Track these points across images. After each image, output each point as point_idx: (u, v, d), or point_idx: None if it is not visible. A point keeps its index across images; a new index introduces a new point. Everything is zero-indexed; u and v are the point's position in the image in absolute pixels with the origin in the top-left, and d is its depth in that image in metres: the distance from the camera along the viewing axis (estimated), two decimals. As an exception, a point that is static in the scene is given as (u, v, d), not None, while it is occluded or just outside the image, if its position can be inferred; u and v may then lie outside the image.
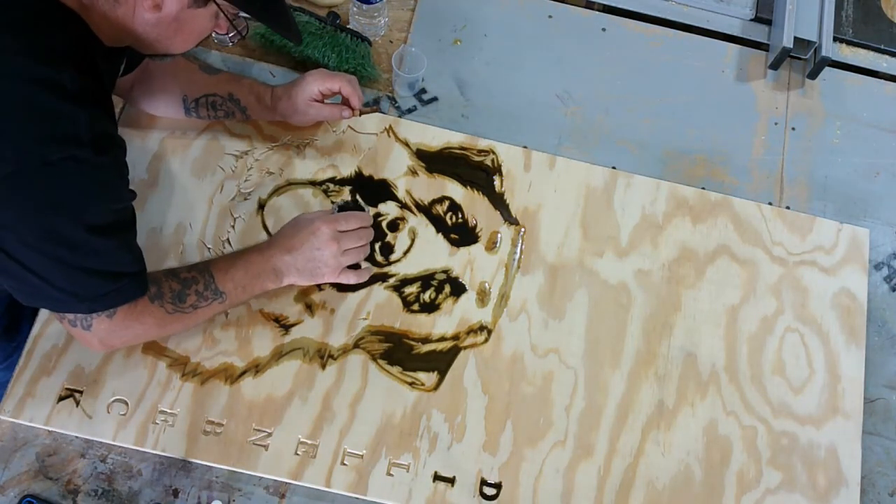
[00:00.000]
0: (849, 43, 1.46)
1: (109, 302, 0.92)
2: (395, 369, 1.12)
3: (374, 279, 1.16)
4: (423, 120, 1.29)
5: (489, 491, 1.07)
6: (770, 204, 1.29)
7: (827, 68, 1.40)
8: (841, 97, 1.41)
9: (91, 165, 0.84)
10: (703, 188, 1.29)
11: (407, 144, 1.26)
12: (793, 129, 1.38)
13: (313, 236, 1.06)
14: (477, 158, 1.26)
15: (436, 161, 1.25)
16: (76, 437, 1.04)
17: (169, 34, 0.92)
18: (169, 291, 0.98)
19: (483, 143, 1.27)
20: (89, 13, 0.86)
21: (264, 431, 1.06)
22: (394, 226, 1.20)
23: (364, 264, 1.15)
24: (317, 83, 1.14)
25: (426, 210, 1.22)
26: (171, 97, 1.17)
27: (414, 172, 1.24)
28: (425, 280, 1.18)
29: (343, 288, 1.15)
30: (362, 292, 1.16)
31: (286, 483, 1.05)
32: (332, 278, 1.09)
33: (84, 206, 0.85)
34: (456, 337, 1.15)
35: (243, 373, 1.09)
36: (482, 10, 1.40)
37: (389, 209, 1.21)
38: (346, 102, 1.17)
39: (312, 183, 1.21)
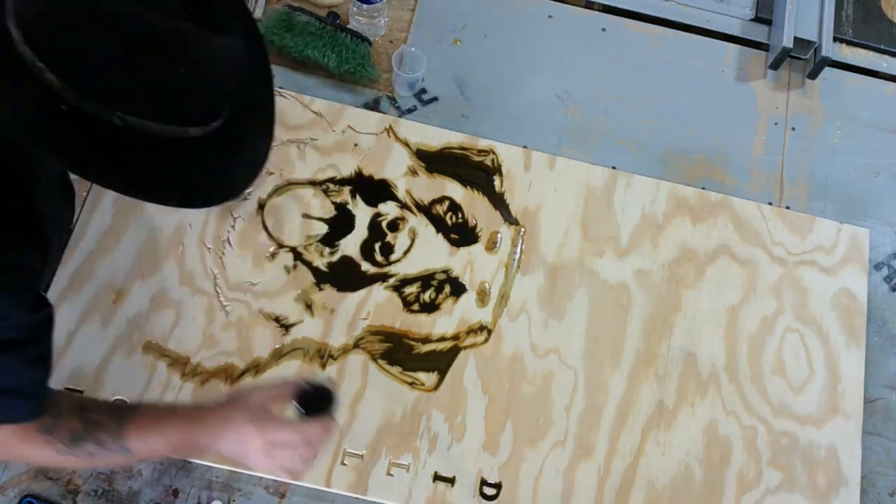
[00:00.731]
0: (849, 43, 1.46)
1: None
2: (395, 369, 1.12)
3: (374, 279, 1.16)
4: (423, 120, 1.29)
5: (489, 491, 1.07)
6: (770, 204, 1.29)
7: (827, 68, 1.40)
8: (841, 97, 1.41)
9: None
10: (703, 188, 1.29)
11: (407, 144, 1.26)
12: (793, 129, 1.38)
13: (242, 444, 0.86)
14: (477, 158, 1.26)
15: (436, 161, 1.25)
16: (76, 437, 1.04)
17: None
18: (66, 430, 0.84)
19: (483, 143, 1.27)
20: None
21: (264, 431, 1.06)
22: (394, 226, 1.20)
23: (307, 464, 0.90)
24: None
25: (426, 210, 1.22)
26: None
27: (414, 172, 1.24)
28: (425, 280, 1.18)
29: (343, 288, 1.15)
30: (362, 292, 1.16)
31: (286, 483, 1.05)
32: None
33: None
34: (456, 337, 1.15)
35: (243, 373, 1.09)
36: (482, 10, 1.40)
37: (389, 209, 1.21)
38: None
39: (312, 183, 1.21)
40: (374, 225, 1.20)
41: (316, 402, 0.88)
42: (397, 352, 1.13)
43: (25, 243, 0.78)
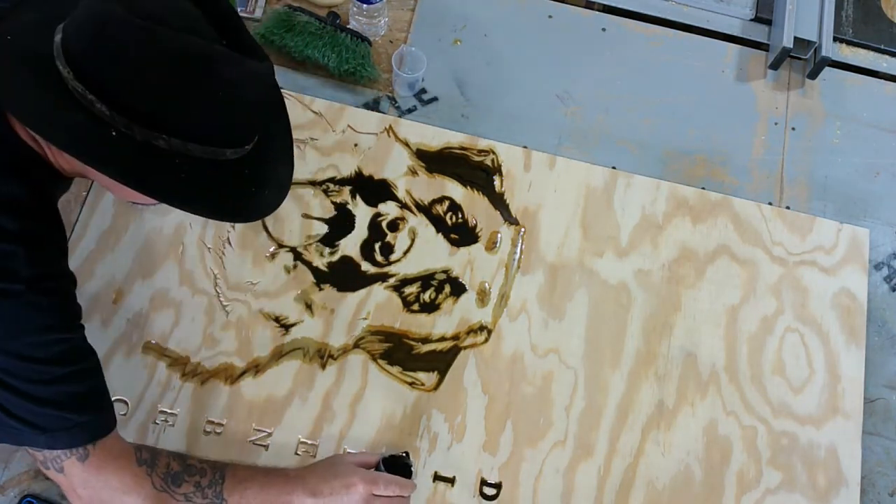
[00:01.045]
0: (849, 43, 1.46)
1: (70, 438, 0.84)
2: (395, 369, 1.12)
3: (374, 279, 1.16)
4: (423, 120, 1.29)
5: (489, 491, 1.07)
6: (770, 204, 1.29)
7: (827, 68, 1.40)
8: (841, 97, 1.41)
9: (24, 299, 0.79)
10: (703, 188, 1.29)
11: (407, 144, 1.26)
12: (793, 129, 1.38)
13: (346, 492, 0.96)
14: (477, 158, 1.26)
15: (436, 161, 1.25)
16: (76, 437, 1.04)
17: (128, 194, 0.84)
18: (164, 467, 0.90)
19: (483, 143, 1.27)
20: (51, 152, 0.83)
21: (264, 431, 1.06)
22: (394, 226, 1.20)
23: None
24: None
25: (426, 210, 1.22)
26: None
27: (414, 172, 1.24)
28: (425, 280, 1.18)
29: (343, 288, 1.15)
30: (362, 292, 1.16)
31: (286, 483, 1.05)
32: None
33: (15, 336, 0.80)
34: (456, 337, 1.15)
35: (243, 373, 1.09)
36: (482, 10, 1.40)
37: (389, 209, 1.21)
38: None
39: (312, 183, 1.21)
40: (374, 225, 1.20)
41: (398, 466, 1.03)
42: (397, 352, 1.13)
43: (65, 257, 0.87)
